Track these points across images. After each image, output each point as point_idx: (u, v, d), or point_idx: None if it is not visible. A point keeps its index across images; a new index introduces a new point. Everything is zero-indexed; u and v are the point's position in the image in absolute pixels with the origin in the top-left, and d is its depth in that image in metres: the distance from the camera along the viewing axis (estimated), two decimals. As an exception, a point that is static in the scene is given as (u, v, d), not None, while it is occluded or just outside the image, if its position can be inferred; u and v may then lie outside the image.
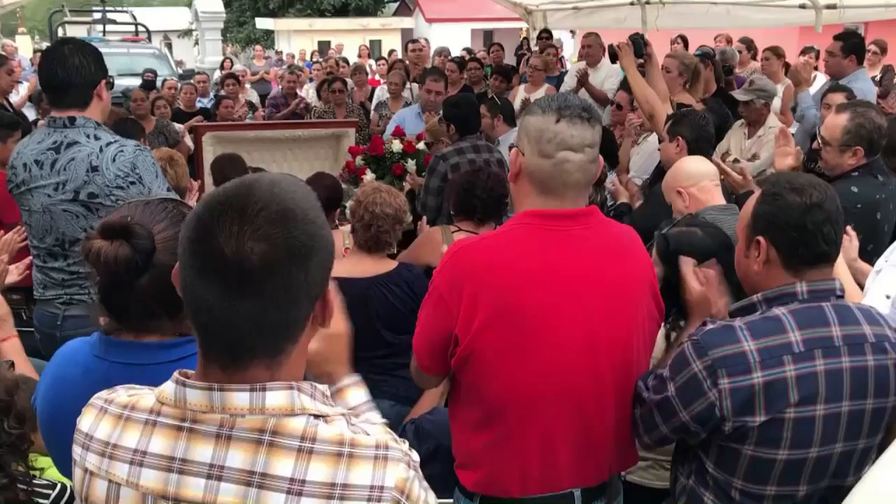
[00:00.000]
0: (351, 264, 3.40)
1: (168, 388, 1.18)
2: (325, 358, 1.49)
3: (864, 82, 5.47)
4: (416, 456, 1.22)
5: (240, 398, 1.13)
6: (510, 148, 2.15)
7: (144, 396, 1.22)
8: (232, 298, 1.09)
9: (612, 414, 2.01)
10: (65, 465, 1.56)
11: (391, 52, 18.39)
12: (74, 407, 1.30)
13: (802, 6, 5.85)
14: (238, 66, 15.63)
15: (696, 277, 2.20)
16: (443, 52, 10.24)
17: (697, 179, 3.06)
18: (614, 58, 4.91)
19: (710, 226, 2.48)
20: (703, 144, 3.63)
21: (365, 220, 3.35)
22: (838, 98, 4.66)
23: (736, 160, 4.82)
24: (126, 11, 23.51)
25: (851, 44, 5.55)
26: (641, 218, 3.64)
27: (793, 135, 5.75)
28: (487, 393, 1.97)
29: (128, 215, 1.56)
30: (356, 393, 1.52)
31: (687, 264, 2.19)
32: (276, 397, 1.14)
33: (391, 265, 3.45)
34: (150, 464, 1.15)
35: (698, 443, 1.92)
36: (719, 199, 3.10)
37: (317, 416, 1.16)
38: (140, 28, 19.68)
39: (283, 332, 1.15)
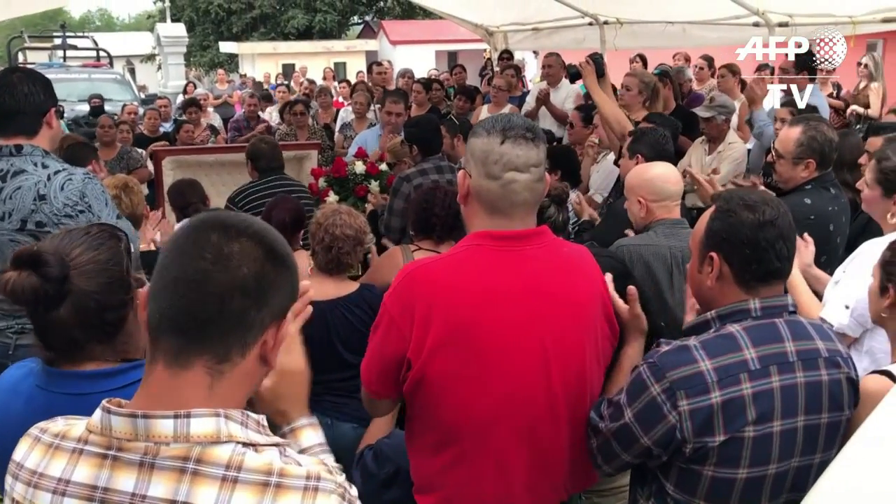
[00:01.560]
0: (312, 287, 3.36)
1: (96, 416, 1.17)
2: (279, 395, 1.45)
3: (817, 97, 5.57)
4: (353, 490, 1.19)
5: (164, 426, 1.11)
6: (457, 169, 2.14)
7: (77, 425, 1.20)
8: (206, 273, 1.14)
9: (567, 434, 2.00)
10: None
11: (358, 73, 18.41)
12: (16, 438, 1.27)
13: (756, 24, 5.95)
14: (200, 90, 15.54)
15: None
16: (406, 74, 10.26)
17: (661, 198, 3.07)
18: (575, 77, 4.91)
19: (607, 255, 2.48)
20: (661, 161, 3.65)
21: (325, 242, 3.33)
22: (784, 113, 4.76)
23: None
24: (87, 37, 23.36)
25: (803, 60, 5.65)
26: (601, 234, 3.65)
27: (749, 150, 5.86)
28: (441, 416, 1.96)
29: (40, 244, 1.54)
30: (309, 434, 1.48)
31: (609, 284, 2.16)
32: (201, 424, 1.12)
33: (352, 287, 3.42)
34: (73, 493, 1.14)
35: (657, 465, 1.90)
36: (675, 215, 3.12)
37: (246, 445, 1.14)
38: (101, 53, 19.56)
39: (241, 329, 1.17)
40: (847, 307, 2.57)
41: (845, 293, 2.61)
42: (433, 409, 1.96)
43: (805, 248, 2.90)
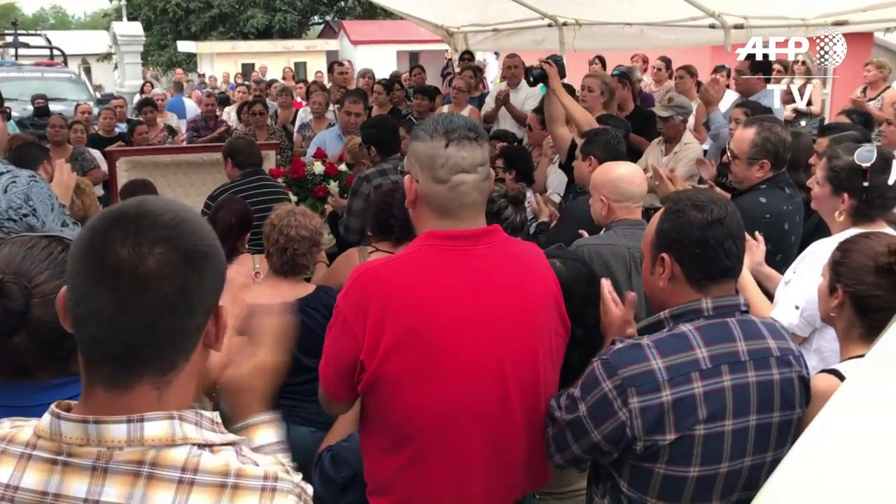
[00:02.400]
0: (266, 289, 3.32)
1: (44, 420, 1.13)
2: (248, 388, 1.45)
3: (770, 98, 5.65)
4: (309, 489, 1.18)
5: (116, 430, 1.09)
6: (402, 173, 2.13)
7: (24, 429, 1.17)
8: (127, 303, 1.07)
9: (522, 433, 2.01)
10: None
11: (317, 73, 18.31)
12: None
13: (712, 26, 6.03)
14: (158, 90, 15.33)
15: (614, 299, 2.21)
16: (366, 74, 10.23)
17: (623, 199, 3.09)
18: (539, 79, 4.86)
19: (572, 258, 2.49)
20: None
21: (280, 244, 3.29)
22: (738, 113, 4.84)
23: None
24: (40, 35, 22.90)
25: (757, 62, 5.75)
26: (556, 235, 3.67)
27: (706, 151, 5.94)
28: (395, 417, 1.95)
29: (2, 269, 1.44)
30: (269, 432, 1.47)
31: (605, 286, 2.19)
32: (155, 428, 1.10)
33: (308, 289, 3.38)
34: (22, 499, 1.10)
35: (611, 462, 1.92)
36: (636, 216, 3.14)
37: (202, 446, 1.12)
38: (55, 52, 19.18)
39: (177, 342, 1.13)
40: (797, 307, 2.61)
41: (795, 293, 2.66)
42: (387, 411, 1.96)
43: (756, 247, 2.94)
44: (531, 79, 4.89)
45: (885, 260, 2.12)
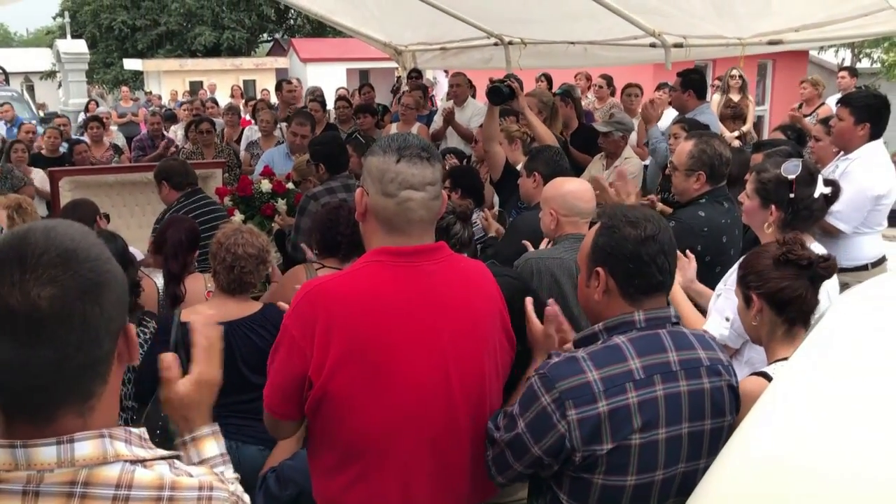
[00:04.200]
0: (213, 308, 3.31)
1: None
2: (189, 403, 1.46)
3: (708, 115, 5.82)
4: (246, 497, 1.20)
5: (46, 453, 1.09)
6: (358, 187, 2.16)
7: None
8: (28, 349, 1.05)
9: (468, 446, 2.04)
10: None
11: (263, 90, 18.21)
12: None
13: (653, 45, 6.16)
14: (102, 108, 15.08)
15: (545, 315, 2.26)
16: (315, 92, 10.22)
17: (572, 214, 3.16)
18: (508, 98, 4.81)
19: (507, 273, 2.54)
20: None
21: (227, 262, 3.27)
22: (676, 129, 4.99)
23: None
24: (-20, 52, 22.40)
25: (689, 79, 5.91)
26: (502, 248, 3.73)
27: (646, 167, 6.08)
28: (342, 434, 1.96)
29: None
30: (211, 445, 1.48)
31: (529, 303, 2.22)
32: (85, 447, 1.10)
33: (255, 307, 3.37)
34: None
35: (551, 475, 1.95)
36: (583, 231, 3.19)
37: (134, 462, 1.12)
38: (-4, 70, 18.81)
39: (90, 373, 1.12)
40: (727, 319, 2.70)
41: (725, 305, 2.74)
42: (334, 428, 1.97)
43: (688, 265, 3.03)
44: (500, 97, 4.83)
45: (778, 251, 2.23)
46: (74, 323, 1.07)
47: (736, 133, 7.71)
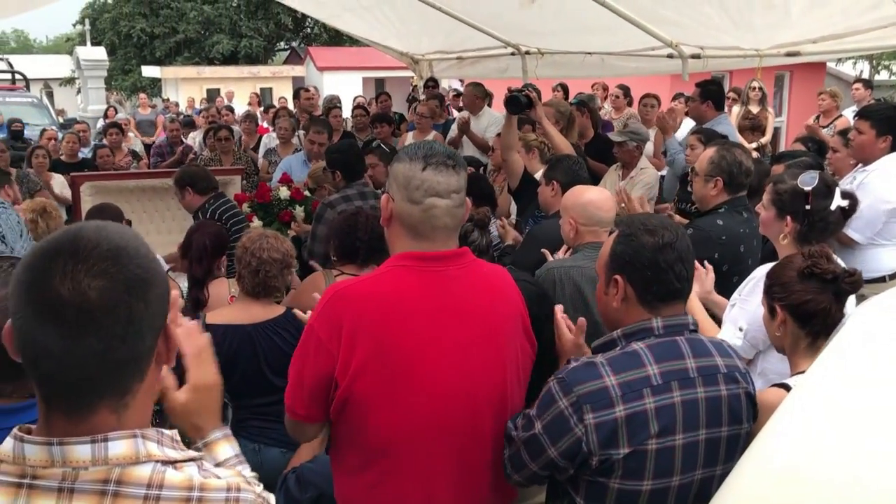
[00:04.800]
0: (238, 311, 3.36)
1: (7, 444, 1.14)
2: (193, 410, 1.46)
3: (726, 126, 5.82)
4: (272, 498, 1.22)
5: (81, 451, 1.11)
6: (382, 192, 2.19)
7: None
8: (75, 339, 1.08)
9: (490, 451, 2.06)
10: None
11: (280, 98, 18.32)
12: None
13: (670, 56, 6.18)
14: (121, 115, 15.23)
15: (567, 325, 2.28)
16: (331, 102, 10.30)
17: (591, 223, 3.16)
18: (526, 107, 4.83)
19: (524, 279, 2.56)
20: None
21: (252, 266, 3.32)
22: (693, 140, 5.02)
23: None
24: (2, 59, 22.64)
25: (708, 90, 5.92)
26: (520, 257, 3.75)
27: (663, 177, 6.08)
28: (366, 435, 1.98)
29: None
30: (225, 447, 1.49)
31: (558, 311, 2.25)
32: (118, 447, 1.12)
33: (279, 310, 3.41)
34: None
35: (567, 479, 1.97)
36: (603, 240, 3.20)
37: (165, 463, 1.14)
38: (17, 76, 18.99)
39: (131, 368, 1.15)
40: (740, 329, 2.70)
41: (739, 316, 2.75)
42: (358, 429, 1.99)
43: (706, 276, 3.03)
44: (517, 106, 4.85)
45: (803, 264, 2.23)
46: (120, 315, 1.10)
47: (755, 144, 7.70)
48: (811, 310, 2.22)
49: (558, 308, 2.29)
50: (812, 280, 2.22)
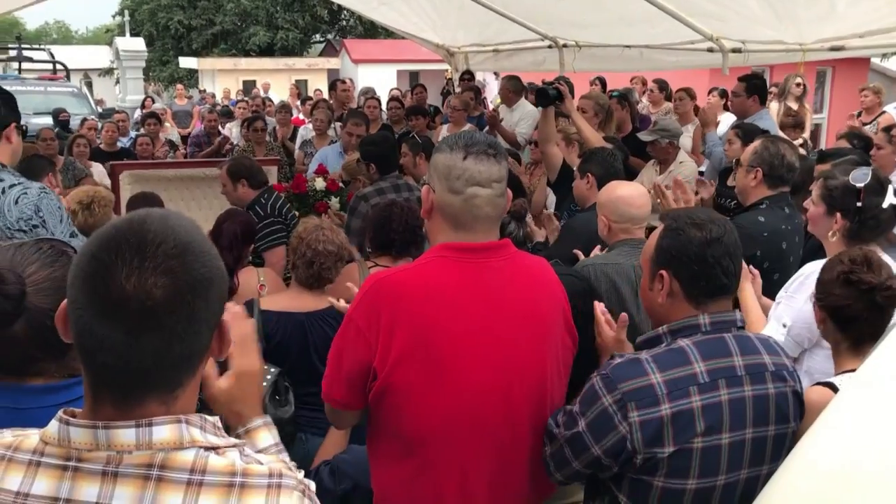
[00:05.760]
0: (290, 299, 3.38)
1: (52, 427, 1.15)
2: (234, 397, 1.46)
3: (767, 121, 5.73)
4: (312, 486, 1.21)
5: (126, 435, 1.11)
6: (421, 185, 2.17)
7: (29, 437, 1.18)
8: (135, 336, 1.08)
9: (528, 445, 2.03)
10: None
11: (315, 90, 18.41)
12: None
13: (710, 50, 6.08)
14: (158, 105, 15.40)
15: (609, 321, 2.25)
16: (368, 93, 10.31)
17: (623, 220, 3.11)
18: (555, 100, 4.80)
19: (571, 273, 2.52)
20: (611, 179, 3.73)
21: (307, 257, 3.33)
22: (731, 135, 4.98)
23: None
24: (43, 49, 23.03)
25: (753, 85, 5.83)
26: (556, 251, 3.71)
27: (702, 172, 6.00)
28: (404, 426, 1.97)
29: None
30: (265, 435, 1.49)
31: (598, 308, 2.22)
32: (163, 431, 1.12)
33: (340, 304, 3.41)
34: None
35: (610, 477, 1.94)
36: (636, 237, 3.16)
37: (207, 448, 1.14)
38: (58, 66, 19.28)
39: (185, 365, 1.15)
40: (784, 325, 2.65)
41: (784, 313, 2.69)
42: (396, 419, 1.98)
43: (754, 280, 2.96)
44: (547, 99, 4.84)
45: (843, 269, 2.17)
46: (182, 315, 1.10)
47: (799, 141, 7.57)
48: (847, 315, 2.18)
49: (598, 304, 2.26)
50: (850, 286, 2.16)
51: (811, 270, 2.63)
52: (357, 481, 2.51)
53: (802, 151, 6.53)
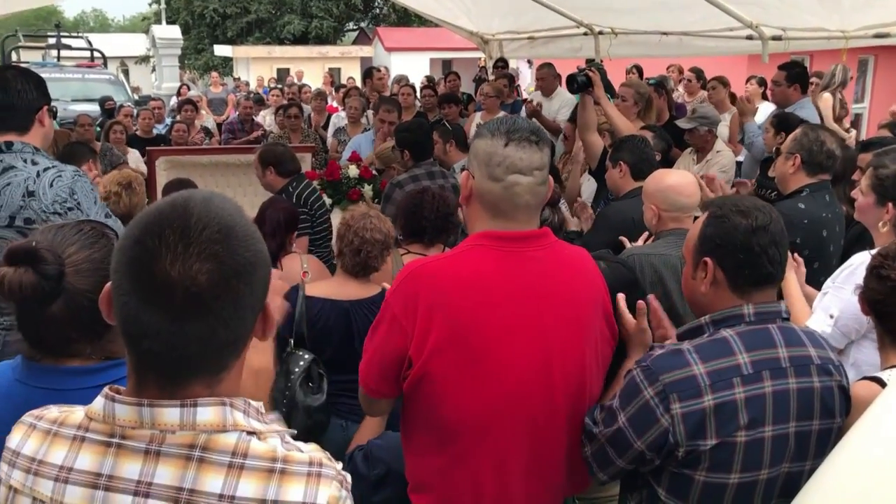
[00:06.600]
0: (336, 286, 3.37)
1: (97, 403, 1.15)
2: (251, 395, 1.45)
3: (808, 110, 5.62)
4: (349, 477, 1.20)
5: (170, 414, 1.11)
6: (462, 171, 2.14)
7: (75, 412, 1.19)
8: (181, 322, 1.07)
9: (565, 437, 2.00)
10: None
11: (349, 79, 18.45)
12: None
13: (749, 37, 5.97)
14: (193, 93, 15.53)
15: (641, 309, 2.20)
16: (401, 80, 10.30)
17: (673, 209, 3.06)
18: (583, 87, 4.78)
19: (617, 261, 2.47)
20: (644, 167, 3.69)
21: (354, 245, 3.32)
22: (767, 124, 4.95)
23: None
24: (81, 37, 23.31)
25: (794, 73, 5.71)
26: (591, 239, 3.67)
27: (739, 163, 5.90)
28: (440, 416, 1.95)
29: (35, 240, 1.50)
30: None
31: (620, 299, 2.16)
32: (207, 413, 1.12)
33: (375, 289, 3.41)
34: (76, 480, 1.12)
35: (650, 470, 1.90)
36: (685, 226, 3.10)
37: (250, 433, 1.14)
38: (96, 54, 19.52)
39: (230, 349, 1.15)
40: (831, 316, 2.59)
41: (830, 303, 2.63)
42: (432, 409, 1.96)
43: (798, 269, 2.91)
44: (575, 86, 4.81)
45: (873, 262, 2.11)
46: (227, 300, 1.09)
47: (853, 133, 7.40)
48: (881, 310, 2.11)
49: (620, 297, 2.20)
50: (881, 281, 2.09)
51: (860, 261, 2.56)
52: (390, 467, 2.51)
53: (851, 141, 6.39)
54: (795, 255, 2.92)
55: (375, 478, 2.55)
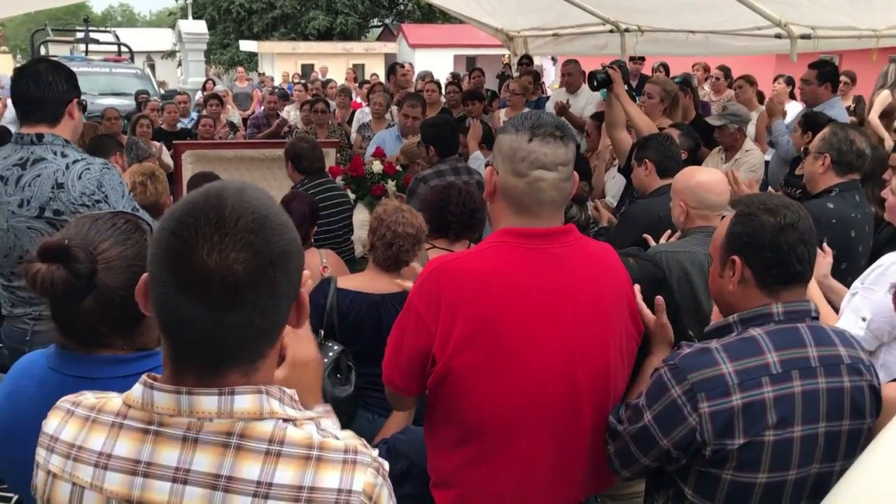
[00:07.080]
0: (367, 279, 3.38)
1: (136, 390, 1.16)
2: (292, 386, 1.46)
3: (838, 110, 5.56)
4: (386, 465, 1.20)
5: (208, 402, 1.12)
6: (486, 166, 2.13)
7: (112, 399, 1.20)
8: (219, 312, 1.08)
9: (589, 434, 1.99)
10: (16, 477, 1.51)
11: (372, 75, 18.48)
12: (27, 418, 1.28)
13: (778, 36, 5.91)
14: (219, 88, 15.62)
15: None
16: (426, 77, 10.29)
17: (702, 207, 3.04)
18: (603, 84, 4.77)
19: (646, 258, 2.46)
20: (670, 164, 3.67)
21: (387, 239, 3.32)
22: (796, 123, 4.89)
23: None
24: (109, 31, 23.57)
25: (825, 72, 5.65)
26: (617, 237, 3.65)
27: (767, 162, 5.84)
28: (464, 412, 1.95)
29: (68, 236, 1.51)
30: (326, 424, 1.49)
31: (637, 292, 2.14)
32: (244, 401, 1.13)
33: (406, 283, 3.42)
34: (115, 467, 1.14)
35: (676, 469, 1.89)
36: (714, 224, 3.08)
37: (286, 420, 1.15)
38: (123, 48, 19.71)
39: (266, 337, 1.16)
40: (863, 319, 2.55)
41: (861, 305, 2.60)
42: (456, 405, 1.95)
43: (823, 259, 2.88)
44: (595, 83, 4.81)
45: None
46: (263, 289, 1.10)
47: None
48: None
49: (636, 289, 2.18)
50: None
51: (891, 261, 2.53)
52: (413, 460, 2.51)
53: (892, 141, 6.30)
54: (825, 245, 2.88)
55: (398, 472, 2.55)
